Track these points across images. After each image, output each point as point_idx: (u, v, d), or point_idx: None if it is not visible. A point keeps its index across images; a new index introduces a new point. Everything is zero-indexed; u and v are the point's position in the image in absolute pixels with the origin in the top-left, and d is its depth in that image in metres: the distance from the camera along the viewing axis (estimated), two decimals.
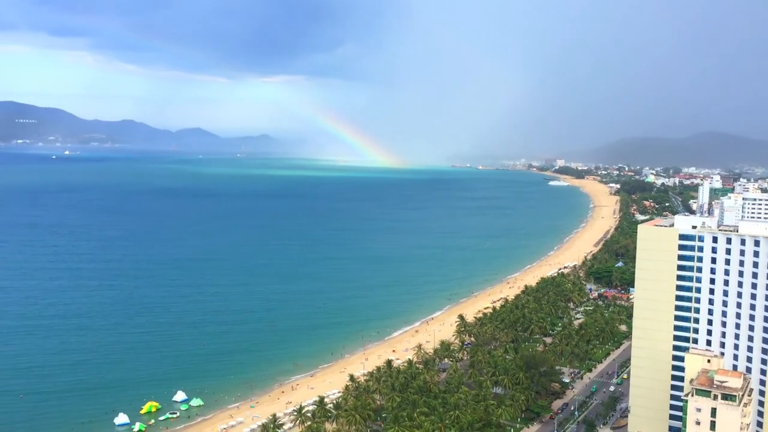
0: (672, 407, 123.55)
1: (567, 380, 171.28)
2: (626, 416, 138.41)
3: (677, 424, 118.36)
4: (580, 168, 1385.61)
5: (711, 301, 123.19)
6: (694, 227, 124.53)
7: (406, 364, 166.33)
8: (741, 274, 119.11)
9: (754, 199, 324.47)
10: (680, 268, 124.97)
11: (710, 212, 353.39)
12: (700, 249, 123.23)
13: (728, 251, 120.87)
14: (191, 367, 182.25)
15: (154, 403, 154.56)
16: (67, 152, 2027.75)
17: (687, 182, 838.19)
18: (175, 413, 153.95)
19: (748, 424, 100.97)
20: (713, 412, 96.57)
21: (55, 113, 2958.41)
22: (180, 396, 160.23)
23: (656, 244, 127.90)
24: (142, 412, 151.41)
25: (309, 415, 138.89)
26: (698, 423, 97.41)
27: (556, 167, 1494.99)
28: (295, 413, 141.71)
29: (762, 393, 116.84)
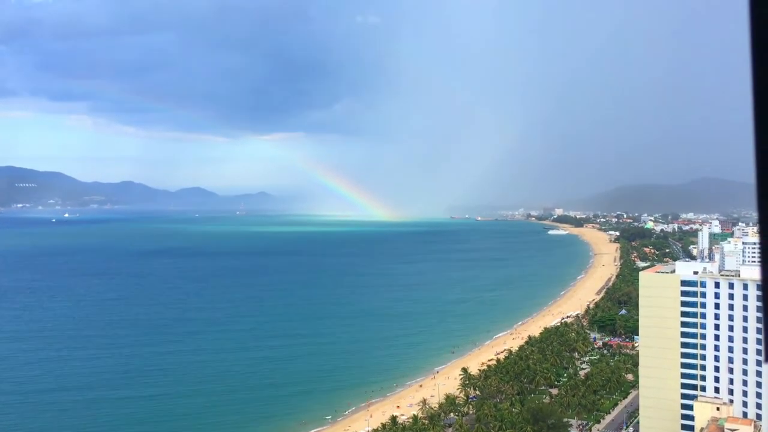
0: None
1: None
2: None
3: None
4: (578, 216, 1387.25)
5: (717, 347, 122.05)
6: (695, 273, 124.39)
7: (411, 420, 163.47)
8: (745, 319, 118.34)
9: (754, 243, 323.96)
10: (684, 314, 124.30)
11: (711, 257, 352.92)
12: (703, 295, 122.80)
13: (731, 296, 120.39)
14: None
15: None
16: (66, 215, 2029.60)
17: (686, 228, 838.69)
18: None
19: None
20: None
21: (54, 177, 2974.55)
22: None
23: (658, 291, 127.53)
24: None
25: None
26: None
27: (555, 216, 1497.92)
28: None
29: None
